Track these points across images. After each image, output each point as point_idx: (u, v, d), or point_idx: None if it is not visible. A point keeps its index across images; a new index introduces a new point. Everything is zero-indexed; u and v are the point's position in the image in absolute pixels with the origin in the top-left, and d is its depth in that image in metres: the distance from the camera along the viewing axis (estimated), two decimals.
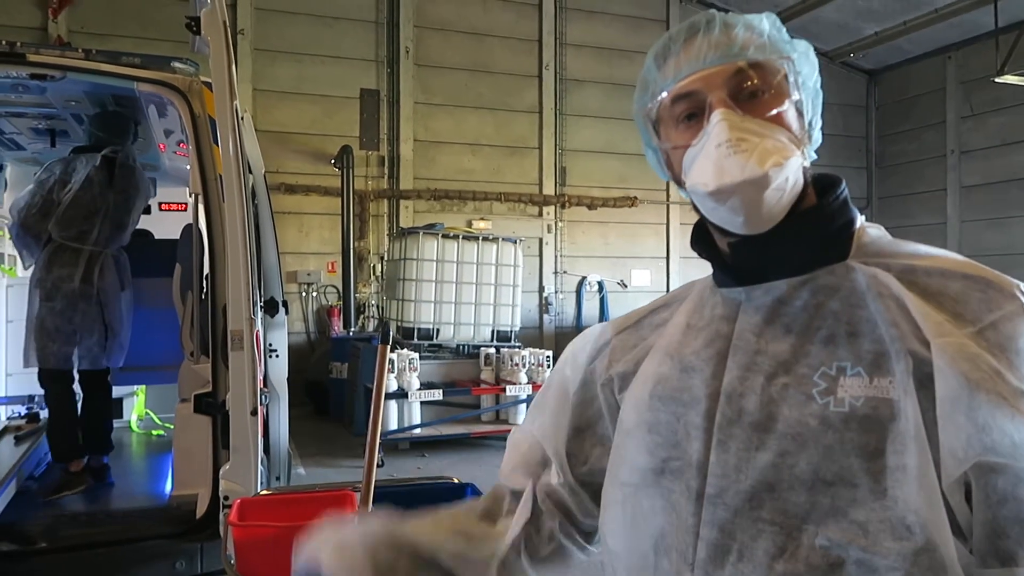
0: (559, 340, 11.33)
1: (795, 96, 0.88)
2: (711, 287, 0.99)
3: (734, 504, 0.84)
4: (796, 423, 0.81)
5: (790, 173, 0.84)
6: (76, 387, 3.98)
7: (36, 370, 4.68)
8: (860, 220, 0.92)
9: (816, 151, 0.92)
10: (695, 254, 0.98)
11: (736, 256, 0.92)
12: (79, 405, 3.95)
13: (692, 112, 0.88)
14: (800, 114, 0.89)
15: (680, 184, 0.95)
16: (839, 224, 0.89)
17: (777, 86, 0.88)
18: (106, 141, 3.91)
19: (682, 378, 0.93)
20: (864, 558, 0.76)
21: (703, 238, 0.98)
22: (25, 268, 4.17)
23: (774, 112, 0.86)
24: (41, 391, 4.90)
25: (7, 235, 5.37)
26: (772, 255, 0.88)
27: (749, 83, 0.87)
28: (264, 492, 2.80)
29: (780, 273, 0.89)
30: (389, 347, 2.54)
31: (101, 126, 3.97)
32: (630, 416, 0.99)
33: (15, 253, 5.49)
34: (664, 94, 0.90)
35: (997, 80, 9.55)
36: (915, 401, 0.77)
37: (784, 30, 0.91)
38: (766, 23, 0.90)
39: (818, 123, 0.92)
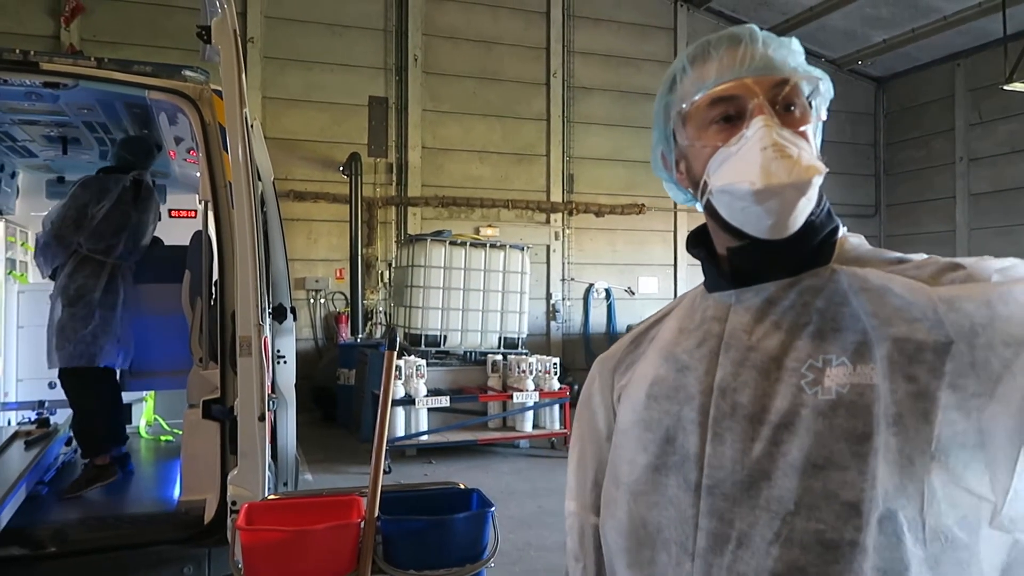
0: (566, 347, 11.34)
1: (822, 116, 0.95)
2: (702, 294, 1.04)
3: (732, 494, 0.87)
4: (787, 413, 0.86)
5: (818, 186, 0.89)
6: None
7: (46, 377, 4.84)
8: (842, 230, 0.97)
9: (824, 158, 0.96)
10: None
11: (734, 260, 0.97)
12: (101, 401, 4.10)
13: (729, 115, 0.92)
14: (814, 136, 0.94)
15: (692, 184, 0.99)
16: (825, 232, 0.95)
17: (806, 105, 0.93)
18: (132, 163, 4.17)
19: (677, 377, 0.98)
20: (856, 538, 0.79)
21: (701, 243, 1.03)
22: (43, 277, 4.30)
23: (803, 128, 0.91)
24: (48, 397, 5.06)
25: (18, 241, 5.43)
26: (767, 260, 0.94)
27: (787, 96, 0.92)
28: (271, 497, 2.81)
29: (771, 276, 0.94)
30: (395, 353, 2.55)
31: (129, 149, 4.21)
32: (627, 416, 1.04)
33: (27, 260, 5.55)
34: (701, 94, 0.94)
35: (1006, 88, 9.53)
36: (889, 382, 0.81)
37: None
38: (797, 46, 0.95)
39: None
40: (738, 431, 0.89)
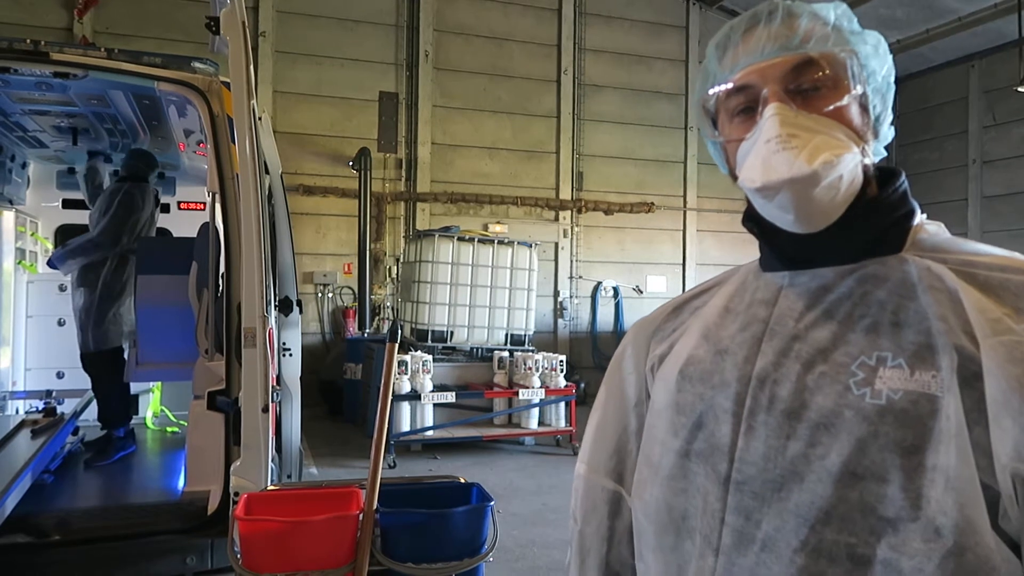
0: (573, 345, 11.32)
1: (857, 90, 0.85)
2: (755, 272, 0.97)
3: (761, 492, 0.82)
4: (829, 413, 0.79)
5: (844, 171, 0.81)
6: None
7: (54, 366, 5.28)
8: (920, 216, 0.89)
9: (868, 134, 0.88)
10: (711, 261, 1.00)
11: (786, 245, 0.90)
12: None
13: (748, 106, 0.87)
14: (865, 109, 0.86)
15: (733, 178, 0.93)
16: (896, 216, 0.87)
17: (837, 80, 0.85)
18: (145, 172, 4.68)
19: (715, 360, 0.92)
20: (891, 557, 0.73)
21: (756, 216, 0.93)
22: (65, 274, 4.68)
23: (833, 107, 0.84)
24: (56, 387, 5.14)
25: (28, 231, 5.46)
26: (824, 242, 0.86)
27: (807, 77, 0.84)
28: (272, 487, 2.82)
29: (829, 261, 0.87)
30: (397, 345, 2.55)
31: (141, 160, 4.69)
32: (660, 395, 0.99)
33: (36, 250, 5.59)
34: (720, 87, 0.89)
35: (1020, 90, 9.45)
36: (958, 399, 0.73)
37: (855, 20, 0.88)
38: (832, 13, 0.87)
39: (888, 118, 0.89)
40: (773, 426, 0.82)
